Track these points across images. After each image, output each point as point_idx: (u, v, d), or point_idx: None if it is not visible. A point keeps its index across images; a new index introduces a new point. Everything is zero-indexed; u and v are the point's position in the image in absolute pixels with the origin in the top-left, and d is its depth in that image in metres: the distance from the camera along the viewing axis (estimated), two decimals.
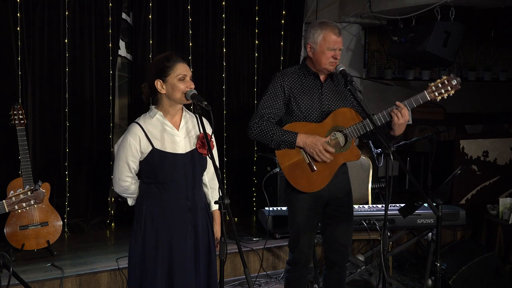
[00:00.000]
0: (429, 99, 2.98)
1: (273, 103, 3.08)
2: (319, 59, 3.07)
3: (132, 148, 2.70)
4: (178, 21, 5.16)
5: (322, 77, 3.14)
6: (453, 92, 2.98)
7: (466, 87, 6.92)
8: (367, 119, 2.98)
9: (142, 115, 2.80)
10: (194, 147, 2.78)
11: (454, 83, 2.98)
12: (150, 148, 2.70)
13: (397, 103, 2.96)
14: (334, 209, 3.19)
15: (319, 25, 3.09)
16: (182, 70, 2.68)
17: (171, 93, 2.69)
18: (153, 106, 2.78)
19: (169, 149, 2.71)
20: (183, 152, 2.75)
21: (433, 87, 2.97)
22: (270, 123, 3.05)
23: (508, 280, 4.23)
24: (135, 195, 2.82)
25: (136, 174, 2.82)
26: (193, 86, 2.70)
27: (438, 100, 2.99)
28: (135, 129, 2.71)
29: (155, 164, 2.70)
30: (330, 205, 3.18)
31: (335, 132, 3.07)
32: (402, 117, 2.93)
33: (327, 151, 3.00)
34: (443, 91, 2.97)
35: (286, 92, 3.09)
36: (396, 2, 5.02)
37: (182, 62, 2.71)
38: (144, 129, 2.71)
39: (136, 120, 2.76)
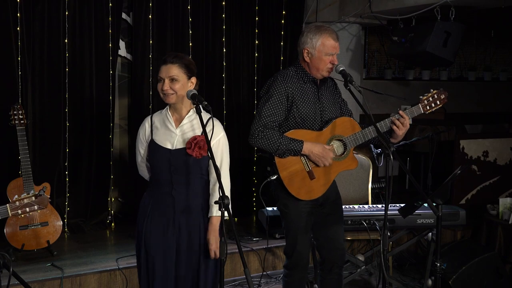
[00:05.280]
0: (422, 112, 3.10)
1: (277, 110, 3.02)
2: (317, 65, 3.03)
3: (140, 137, 2.92)
4: (178, 21, 5.16)
5: (318, 82, 3.13)
6: (441, 105, 3.12)
7: (466, 87, 6.92)
8: (366, 129, 3.02)
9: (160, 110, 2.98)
10: (183, 147, 2.79)
11: (443, 97, 3.11)
12: (150, 138, 2.86)
13: (400, 112, 3.02)
14: (327, 209, 3.19)
15: (317, 30, 3.02)
16: (160, 72, 2.79)
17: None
18: None
19: (161, 143, 2.82)
20: (172, 148, 2.80)
21: (425, 101, 3.08)
22: (275, 132, 3.00)
23: (508, 280, 4.23)
24: None
25: None
26: (173, 87, 2.73)
27: (427, 112, 3.12)
28: (145, 120, 2.93)
29: (150, 154, 2.87)
30: (323, 206, 3.18)
31: (335, 141, 3.07)
32: (404, 126, 3.01)
33: (331, 152, 3.03)
34: (433, 104, 3.10)
35: (290, 98, 3.03)
36: (396, 2, 5.02)
37: (164, 64, 2.76)
38: (152, 121, 2.89)
39: (153, 113, 2.96)
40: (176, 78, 2.73)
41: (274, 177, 3.08)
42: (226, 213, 2.81)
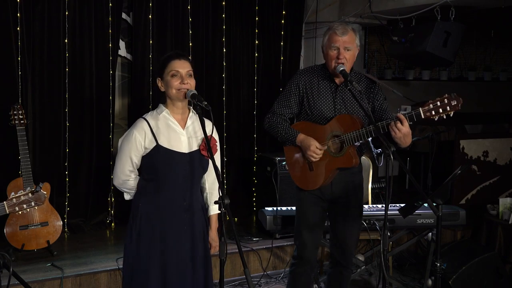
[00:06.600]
0: (423, 117, 2.79)
1: (286, 102, 3.17)
2: (327, 62, 3.08)
3: (136, 143, 2.71)
4: (178, 21, 5.16)
5: (337, 80, 3.10)
6: (452, 112, 2.78)
7: (466, 87, 6.90)
8: (365, 128, 2.93)
9: (150, 112, 2.82)
10: (197, 148, 2.77)
11: (454, 104, 2.77)
12: (154, 144, 2.70)
13: (398, 115, 2.82)
14: (341, 207, 3.18)
15: (328, 28, 3.10)
16: (174, 66, 2.69)
17: (167, 90, 2.72)
18: (161, 104, 2.80)
19: (173, 147, 2.72)
20: (186, 151, 2.74)
21: (431, 105, 2.77)
22: (280, 119, 3.16)
23: (508, 280, 4.23)
24: (133, 191, 2.82)
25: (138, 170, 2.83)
26: (191, 82, 2.69)
27: (435, 119, 2.81)
28: (141, 124, 2.73)
29: (158, 160, 2.70)
30: (337, 203, 3.17)
31: (333, 138, 3.07)
32: (399, 130, 2.79)
33: (319, 149, 3.02)
34: (441, 110, 2.78)
35: (301, 91, 3.14)
36: (396, 2, 5.02)
37: (177, 59, 2.71)
38: (151, 124, 2.72)
39: (143, 116, 2.78)
40: (191, 74, 2.73)
41: (285, 163, 3.19)
42: (214, 211, 2.92)
